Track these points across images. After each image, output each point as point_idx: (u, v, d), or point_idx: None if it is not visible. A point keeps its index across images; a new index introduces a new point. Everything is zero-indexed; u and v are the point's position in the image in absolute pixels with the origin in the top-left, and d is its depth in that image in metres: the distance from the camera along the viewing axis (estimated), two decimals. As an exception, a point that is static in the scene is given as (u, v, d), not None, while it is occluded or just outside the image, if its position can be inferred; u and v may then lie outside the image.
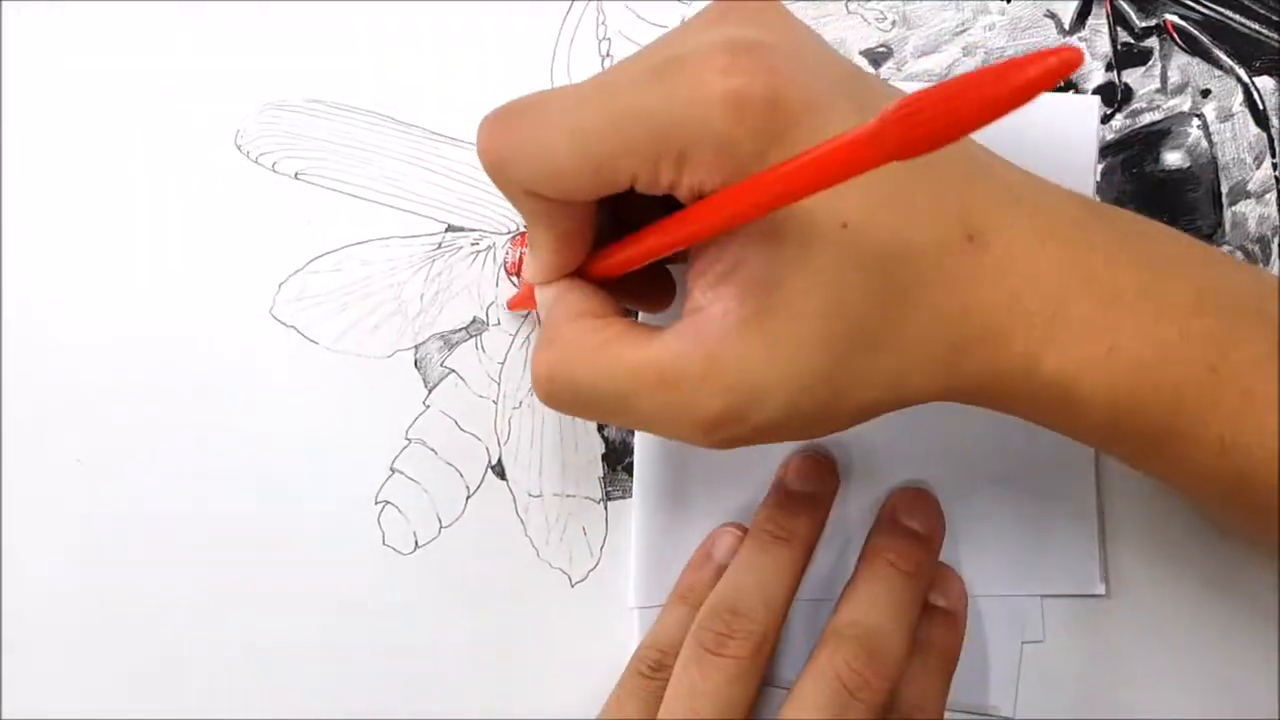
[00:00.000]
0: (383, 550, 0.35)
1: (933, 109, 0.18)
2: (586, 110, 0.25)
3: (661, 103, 0.24)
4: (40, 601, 0.35)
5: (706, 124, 0.24)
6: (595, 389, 0.27)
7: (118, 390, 0.35)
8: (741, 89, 0.24)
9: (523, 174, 0.26)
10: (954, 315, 0.26)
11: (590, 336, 0.27)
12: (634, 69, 0.26)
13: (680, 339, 0.25)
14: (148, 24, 0.36)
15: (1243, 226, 0.36)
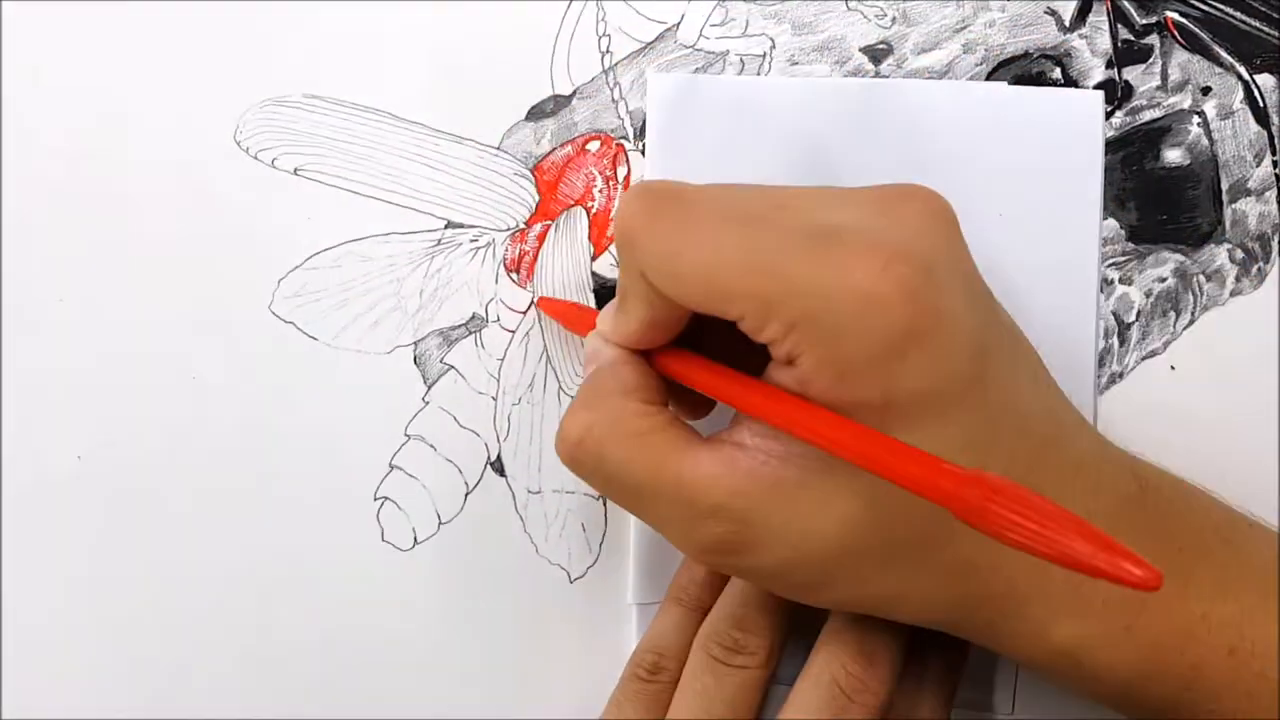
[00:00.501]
0: (382, 547, 0.35)
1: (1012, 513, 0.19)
2: (729, 237, 0.25)
3: (801, 268, 0.24)
4: (40, 600, 0.35)
5: (832, 310, 0.24)
6: (619, 473, 0.27)
7: (117, 387, 0.35)
8: (882, 298, 0.23)
9: (645, 261, 0.26)
10: (978, 571, 0.26)
11: (634, 420, 0.27)
12: (791, 216, 0.26)
13: (713, 463, 0.26)
14: (147, 21, 0.36)
15: (1243, 224, 0.36)
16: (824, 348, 0.24)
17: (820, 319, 0.24)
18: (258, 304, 0.35)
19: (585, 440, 0.27)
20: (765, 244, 0.25)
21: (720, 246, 0.25)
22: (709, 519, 0.26)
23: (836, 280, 0.24)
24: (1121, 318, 0.36)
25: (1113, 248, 0.36)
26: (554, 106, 0.36)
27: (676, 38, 0.36)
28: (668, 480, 0.26)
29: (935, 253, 0.25)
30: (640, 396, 0.28)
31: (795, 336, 0.24)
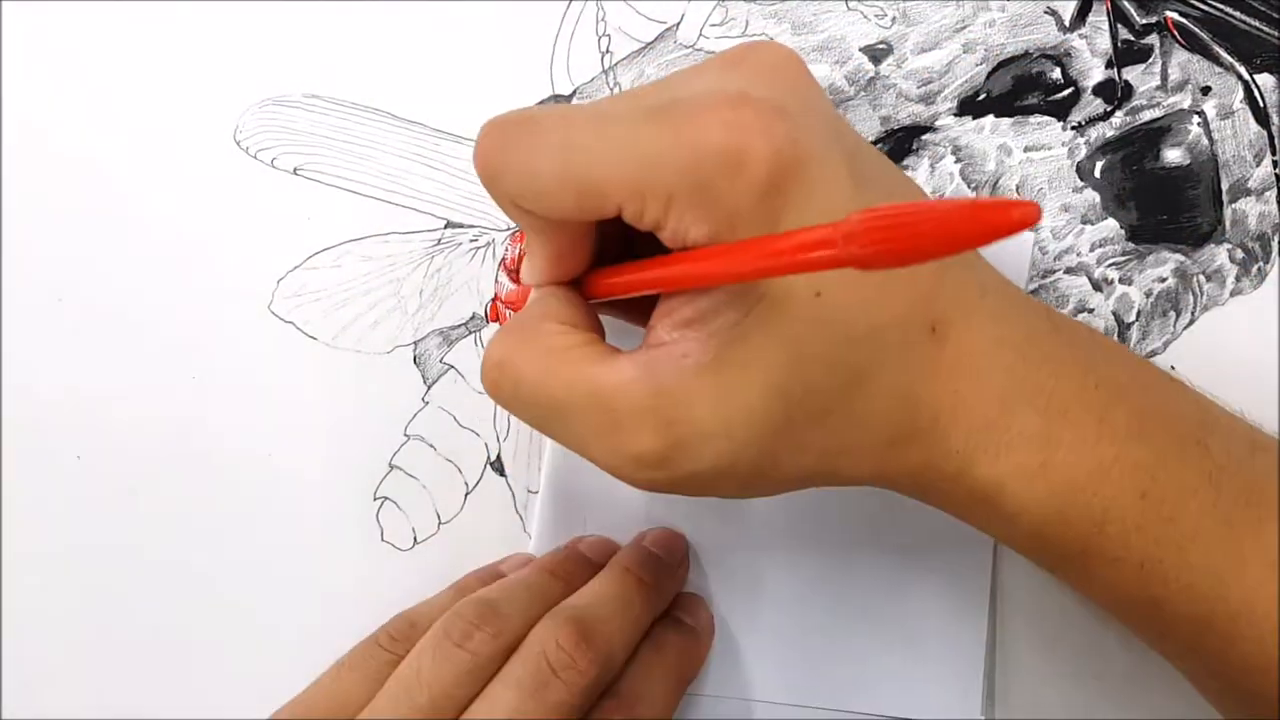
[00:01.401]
0: (382, 546, 0.35)
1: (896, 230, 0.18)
2: (579, 134, 0.25)
3: (656, 142, 0.24)
4: (40, 600, 0.35)
5: (698, 174, 0.24)
6: (535, 392, 0.26)
7: (117, 387, 0.35)
8: (740, 145, 0.23)
9: (510, 187, 0.26)
10: (901, 404, 0.26)
11: (549, 339, 0.27)
12: (635, 103, 0.26)
13: (632, 368, 0.25)
14: (147, 21, 0.36)
15: (1243, 224, 0.36)
16: (704, 210, 0.24)
17: (690, 184, 0.24)
18: (258, 304, 0.35)
19: (504, 363, 0.27)
20: (616, 129, 0.24)
21: (572, 144, 0.25)
22: (634, 428, 0.25)
23: (691, 141, 0.23)
24: (1121, 318, 0.36)
25: (1113, 248, 0.36)
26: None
27: (676, 38, 0.36)
28: (585, 390, 0.25)
29: (781, 93, 0.25)
30: (559, 318, 0.27)
31: (674, 211, 0.24)
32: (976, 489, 0.27)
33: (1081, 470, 0.26)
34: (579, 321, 0.28)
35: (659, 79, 0.27)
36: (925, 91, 0.36)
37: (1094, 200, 0.36)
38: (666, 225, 0.24)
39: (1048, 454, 0.26)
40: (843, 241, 0.19)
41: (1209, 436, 0.28)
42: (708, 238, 0.24)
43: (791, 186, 0.24)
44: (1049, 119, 0.36)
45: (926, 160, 0.36)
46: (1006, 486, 0.26)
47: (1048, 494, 0.26)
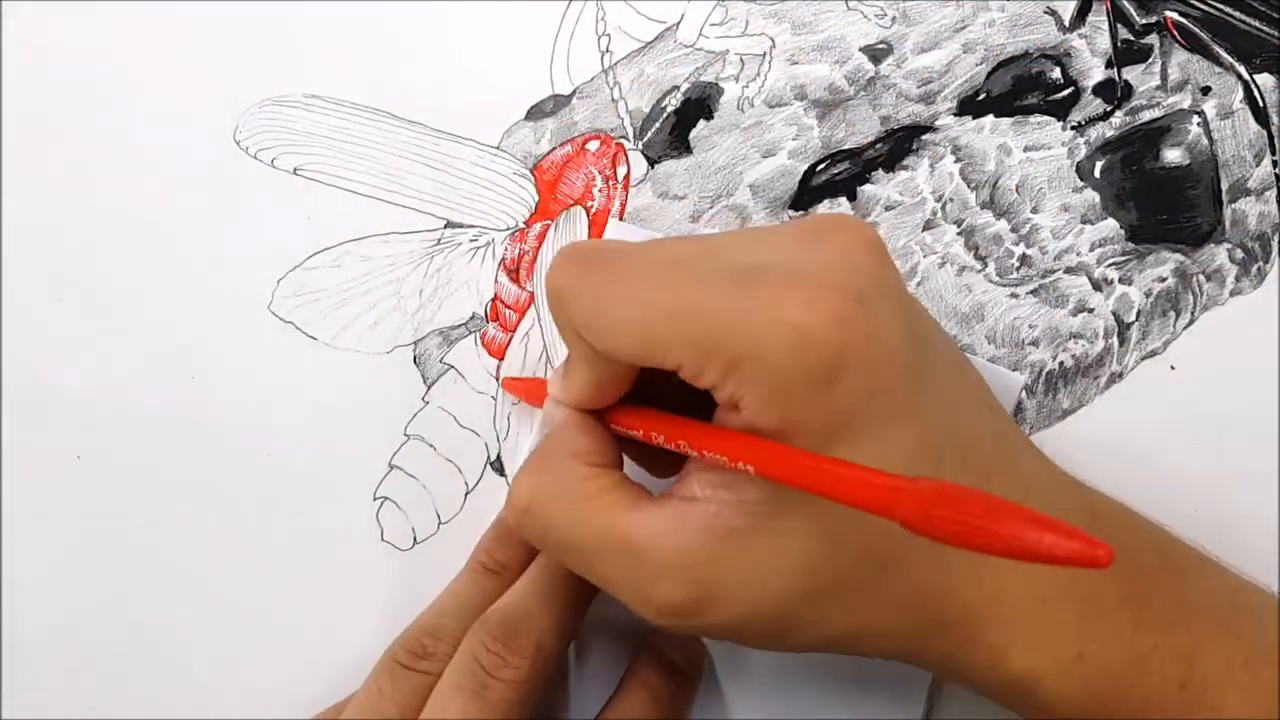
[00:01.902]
0: (382, 547, 0.35)
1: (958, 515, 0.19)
2: (657, 287, 0.25)
3: (730, 310, 0.24)
4: (40, 600, 0.35)
5: (766, 348, 0.24)
6: (566, 537, 0.27)
7: (117, 387, 0.35)
8: (813, 329, 0.23)
9: (578, 320, 0.26)
10: (935, 597, 0.26)
11: (580, 483, 0.27)
12: (716, 259, 0.26)
13: (662, 520, 0.25)
14: (147, 21, 0.36)
15: (1242, 224, 0.36)
16: (762, 384, 0.24)
17: (754, 357, 0.24)
18: (258, 304, 0.35)
19: (532, 506, 0.27)
20: (692, 289, 0.25)
21: (649, 297, 0.25)
22: (661, 579, 0.25)
23: (765, 316, 0.24)
24: (1121, 318, 0.36)
25: (1113, 248, 0.36)
26: (554, 106, 0.36)
27: (676, 37, 0.36)
28: (615, 541, 0.26)
29: (862, 280, 0.25)
30: (587, 459, 0.28)
31: (734, 378, 0.24)
32: (1010, 679, 0.26)
33: (1119, 661, 0.26)
34: (604, 457, 0.28)
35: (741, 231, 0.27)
36: (925, 91, 0.36)
37: (1094, 200, 0.36)
38: (723, 390, 0.25)
39: (1084, 644, 0.26)
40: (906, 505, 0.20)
41: (1241, 618, 0.28)
42: (759, 409, 0.24)
43: (850, 374, 0.24)
44: (1049, 119, 0.36)
45: (926, 160, 0.36)
46: (1042, 678, 0.26)
47: (1085, 685, 0.26)
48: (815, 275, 0.24)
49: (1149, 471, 0.35)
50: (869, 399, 0.24)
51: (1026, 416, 0.35)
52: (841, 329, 0.24)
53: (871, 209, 0.36)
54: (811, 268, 0.25)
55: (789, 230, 0.27)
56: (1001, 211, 0.36)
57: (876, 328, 0.24)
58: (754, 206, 0.36)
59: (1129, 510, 0.30)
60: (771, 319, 0.24)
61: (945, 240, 0.36)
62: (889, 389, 0.24)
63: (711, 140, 0.36)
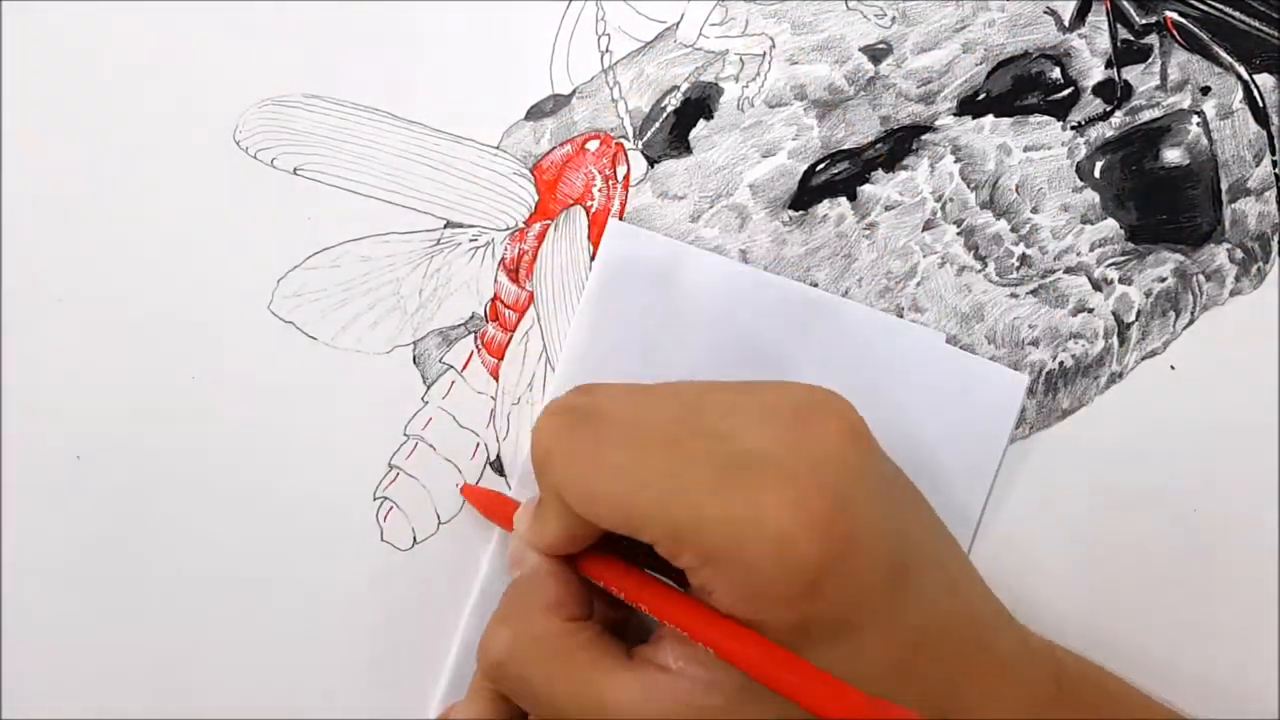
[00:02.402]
0: (381, 547, 0.35)
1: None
2: (644, 466, 0.25)
3: (712, 503, 0.24)
4: (40, 600, 0.35)
5: (745, 549, 0.24)
6: (543, 693, 0.27)
7: (117, 387, 0.35)
8: (796, 538, 0.24)
9: (559, 484, 0.27)
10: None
11: (557, 640, 0.27)
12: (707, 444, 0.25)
13: (637, 689, 0.25)
14: (147, 21, 0.36)
15: (1242, 224, 0.36)
16: (738, 582, 0.24)
17: (733, 555, 0.24)
18: (257, 304, 0.35)
19: (507, 662, 0.27)
20: (678, 473, 0.25)
21: (634, 473, 0.25)
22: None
23: (748, 517, 0.24)
24: (1121, 318, 0.36)
25: (1113, 248, 0.36)
26: (553, 106, 0.36)
27: (676, 37, 0.36)
28: (591, 704, 0.26)
29: (847, 477, 0.25)
30: (564, 613, 0.28)
31: (710, 569, 0.24)
32: None
33: None
34: (579, 609, 0.28)
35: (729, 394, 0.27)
36: (925, 91, 0.36)
37: (1094, 200, 0.36)
38: (697, 576, 0.25)
39: None
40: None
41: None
42: (733, 603, 0.24)
43: (831, 581, 0.24)
44: (1049, 119, 0.36)
45: (926, 160, 0.36)
46: None
47: None
48: (801, 474, 0.24)
49: (1149, 471, 0.35)
50: (847, 606, 0.24)
51: (1027, 416, 0.35)
52: (825, 538, 0.24)
53: (871, 209, 0.36)
54: (798, 463, 0.25)
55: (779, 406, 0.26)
56: (1001, 211, 0.36)
57: (860, 532, 0.24)
58: (754, 206, 0.36)
59: (1102, 675, 0.30)
60: (754, 519, 0.24)
61: (945, 240, 0.36)
62: (867, 593, 0.25)
63: (711, 140, 0.36)
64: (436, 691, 0.34)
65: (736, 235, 0.36)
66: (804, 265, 0.36)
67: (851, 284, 0.36)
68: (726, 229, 0.36)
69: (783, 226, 0.36)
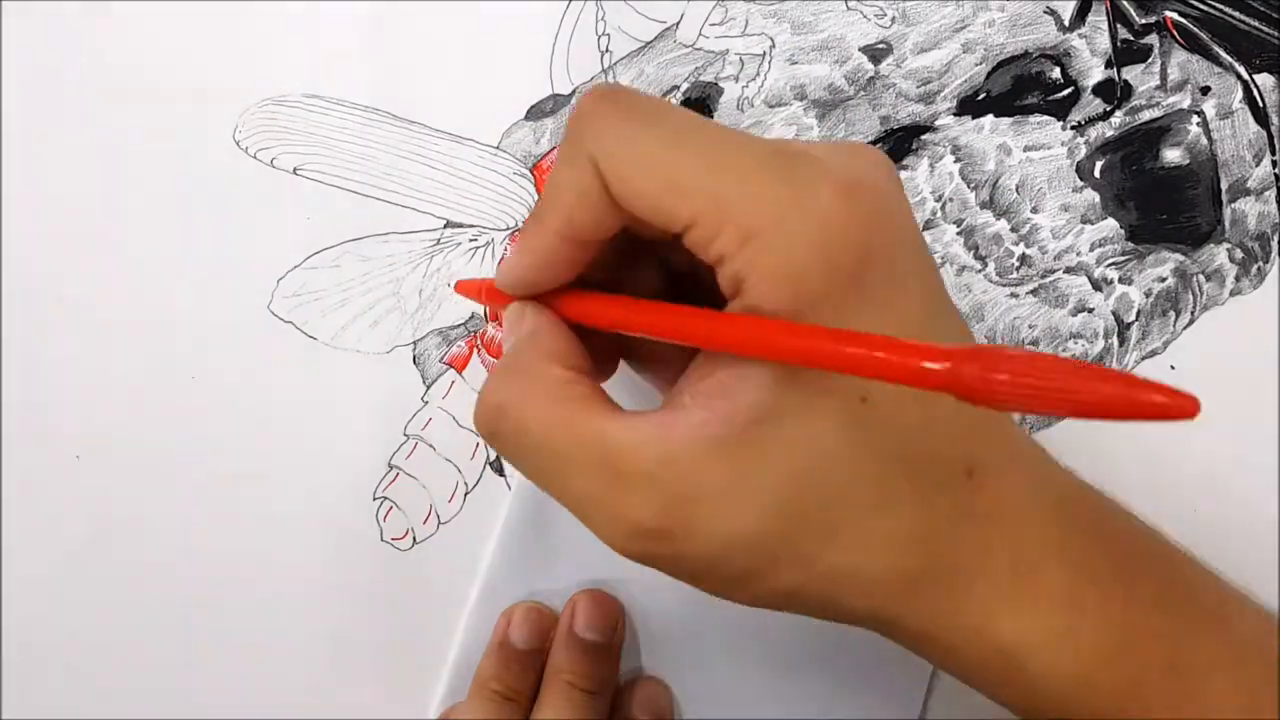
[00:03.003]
0: (381, 547, 0.35)
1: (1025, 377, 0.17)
2: (695, 140, 0.23)
3: (766, 178, 0.23)
4: (40, 600, 0.35)
5: (793, 227, 0.22)
6: (540, 443, 0.24)
7: (116, 387, 0.35)
8: (845, 221, 0.22)
9: (602, 145, 0.24)
10: (922, 544, 0.24)
11: (556, 386, 0.25)
12: (759, 139, 0.24)
13: (646, 428, 0.23)
14: (147, 21, 0.36)
15: (1242, 224, 0.36)
16: (779, 263, 0.22)
17: (778, 231, 0.22)
18: (257, 304, 0.35)
19: (505, 406, 0.25)
20: (730, 150, 0.23)
21: (684, 143, 0.23)
22: (637, 493, 0.23)
23: (802, 196, 0.22)
24: (1121, 317, 0.36)
25: (1112, 247, 0.36)
26: (553, 106, 0.36)
27: (676, 37, 0.36)
28: (592, 446, 0.23)
29: (891, 195, 0.24)
30: (565, 362, 0.25)
31: (750, 249, 0.22)
32: (997, 649, 0.25)
33: (1109, 637, 0.25)
34: (578, 363, 0.26)
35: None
36: (925, 91, 0.36)
37: (1094, 200, 0.36)
38: (732, 263, 0.23)
39: (1074, 618, 0.25)
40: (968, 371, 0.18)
41: (1230, 612, 0.27)
42: (769, 289, 0.22)
43: (874, 274, 0.23)
44: (1049, 119, 0.36)
45: (926, 160, 0.36)
46: (1030, 649, 0.25)
47: (1073, 660, 0.25)
48: (853, 173, 0.23)
49: (1149, 471, 0.35)
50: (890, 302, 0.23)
51: (1027, 416, 0.35)
52: (872, 228, 0.23)
53: (871, 209, 0.36)
54: (850, 166, 0.24)
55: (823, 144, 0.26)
56: (1001, 211, 0.36)
57: (901, 236, 0.24)
58: (754, 206, 0.36)
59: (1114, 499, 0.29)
60: (807, 199, 0.22)
61: (945, 240, 0.36)
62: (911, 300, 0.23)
63: (711, 140, 0.36)
64: (436, 691, 0.34)
65: (736, 235, 0.36)
66: (804, 265, 0.36)
67: (851, 284, 0.36)
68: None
69: (783, 226, 0.36)
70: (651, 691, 0.34)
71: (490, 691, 0.33)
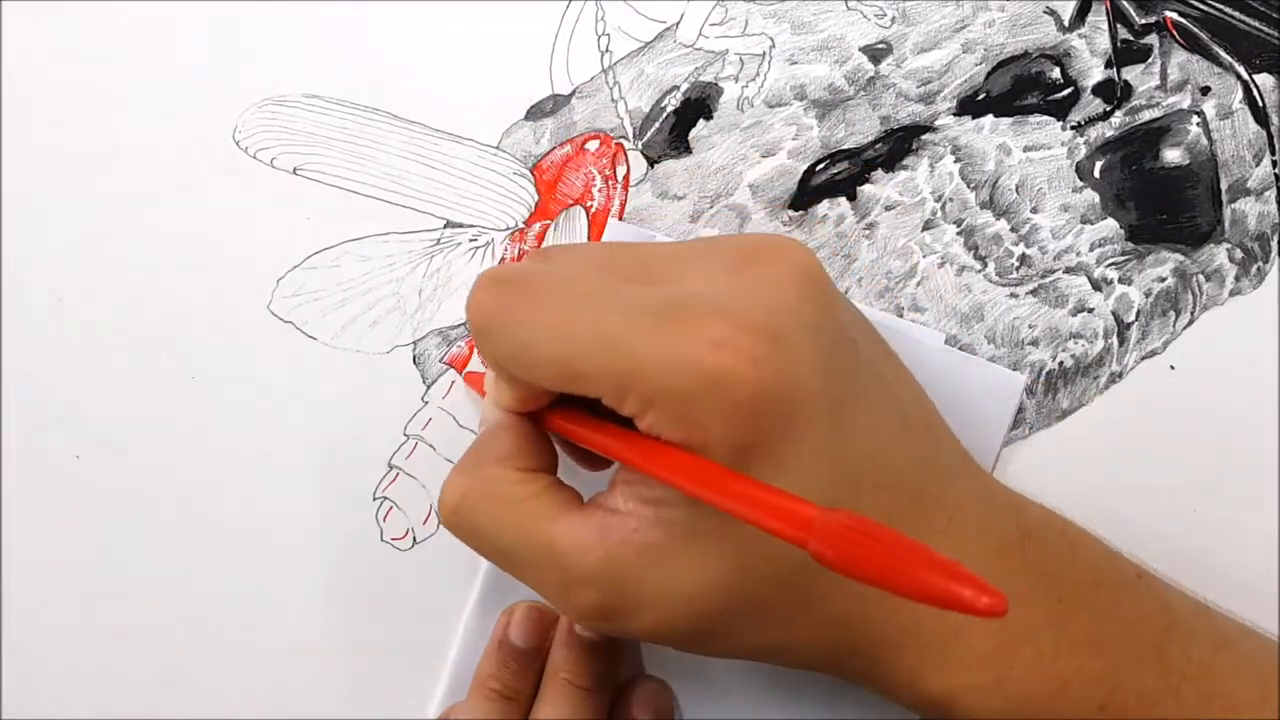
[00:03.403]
0: (381, 547, 0.35)
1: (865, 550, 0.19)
2: (577, 322, 0.25)
3: (647, 347, 0.24)
4: (40, 600, 0.35)
5: (681, 388, 0.24)
6: (493, 539, 0.28)
7: (116, 387, 0.35)
8: (725, 372, 0.24)
9: (498, 353, 0.27)
10: (849, 623, 0.26)
11: (507, 487, 0.28)
12: (642, 292, 0.26)
13: (585, 531, 0.26)
14: (147, 21, 0.36)
15: (1242, 224, 0.36)
16: (679, 420, 0.24)
17: (671, 395, 0.24)
18: (257, 303, 0.35)
19: (460, 508, 0.28)
20: (613, 323, 0.25)
21: (570, 330, 0.25)
22: (582, 587, 0.26)
23: (682, 355, 0.24)
24: (1121, 317, 0.36)
25: (1112, 247, 0.36)
26: (553, 106, 0.36)
27: (676, 37, 0.36)
28: (539, 547, 0.26)
29: (783, 317, 0.25)
30: (516, 464, 0.28)
31: (653, 413, 0.25)
32: (927, 698, 0.27)
33: (1038, 684, 0.26)
34: (535, 461, 0.29)
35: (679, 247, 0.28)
36: (925, 91, 0.36)
37: (1093, 200, 0.36)
38: (643, 421, 0.25)
39: (1002, 671, 0.26)
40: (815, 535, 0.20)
41: (1171, 642, 0.28)
42: (680, 443, 0.25)
43: (767, 413, 0.24)
44: (1048, 119, 0.36)
45: (926, 160, 0.36)
46: (959, 698, 0.26)
47: (1003, 704, 0.26)
48: (735, 314, 0.25)
49: (1149, 471, 0.35)
50: (785, 432, 0.25)
51: (1026, 416, 0.35)
52: (754, 370, 0.24)
53: (871, 209, 0.36)
54: (735, 303, 0.25)
55: (724, 253, 0.27)
56: (1001, 211, 0.36)
57: (791, 365, 0.25)
58: (753, 206, 0.36)
59: (1067, 526, 0.30)
60: (687, 357, 0.24)
61: (945, 240, 0.36)
62: (805, 424, 0.25)
63: (711, 140, 0.36)
64: (436, 691, 0.34)
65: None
66: (804, 265, 0.36)
67: (851, 284, 0.36)
68: (726, 229, 0.36)
69: (782, 226, 0.36)
70: (651, 691, 0.34)
71: (490, 690, 0.33)
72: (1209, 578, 0.35)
